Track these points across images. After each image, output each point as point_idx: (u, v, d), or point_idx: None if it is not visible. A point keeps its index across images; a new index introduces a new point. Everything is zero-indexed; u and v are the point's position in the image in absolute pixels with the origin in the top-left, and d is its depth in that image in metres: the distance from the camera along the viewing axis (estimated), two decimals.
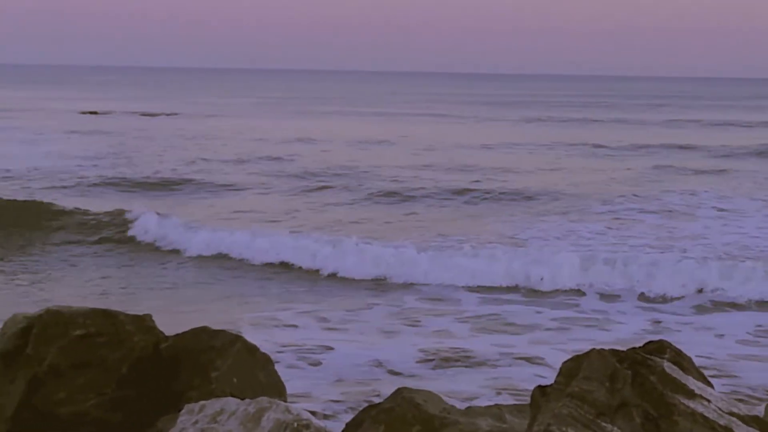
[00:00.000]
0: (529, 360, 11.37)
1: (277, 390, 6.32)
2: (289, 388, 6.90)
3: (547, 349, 11.88)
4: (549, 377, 8.88)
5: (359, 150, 38.74)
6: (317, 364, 10.94)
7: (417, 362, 11.19)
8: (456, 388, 9.96)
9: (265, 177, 29.58)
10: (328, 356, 11.31)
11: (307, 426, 4.49)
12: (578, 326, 13.30)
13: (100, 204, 22.74)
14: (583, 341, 12.28)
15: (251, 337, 8.69)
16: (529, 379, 10.42)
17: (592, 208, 23.34)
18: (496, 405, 6.02)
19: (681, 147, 40.59)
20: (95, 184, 27.37)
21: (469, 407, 5.89)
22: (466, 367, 11.03)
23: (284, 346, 11.68)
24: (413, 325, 13.19)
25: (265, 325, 12.95)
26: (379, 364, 11.02)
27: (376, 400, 6.47)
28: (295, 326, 12.93)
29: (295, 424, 4.51)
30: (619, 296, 14.83)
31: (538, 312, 13.97)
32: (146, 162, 32.84)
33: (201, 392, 5.93)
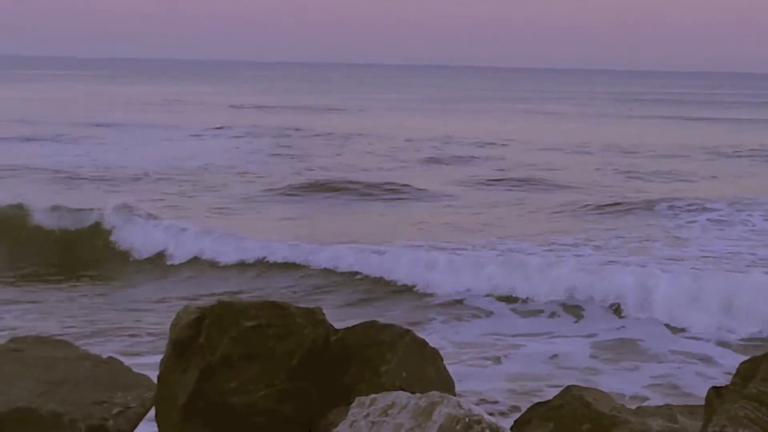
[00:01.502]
0: (696, 356, 11.23)
1: (446, 385, 6.32)
2: (459, 383, 6.91)
3: (717, 348, 11.72)
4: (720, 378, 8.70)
5: (557, 154, 37.34)
6: (495, 361, 10.97)
7: (588, 359, 11.15)
8: (626, 386, 9.87)
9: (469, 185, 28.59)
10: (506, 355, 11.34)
11: (479, 421, 4.50)
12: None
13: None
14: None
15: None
16: (696, 379, 10.27)
17: None
18: (667, 405, 5.93)
19: None
20: (288, 188, 26.76)
21: (639, 407, 5.83)
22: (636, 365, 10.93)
23: (461, 343, 11.75)
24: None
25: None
26: (553, 359, 10.99)
27: (545, 397, 6.43)
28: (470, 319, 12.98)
29: (467, 419, 4.52)
30: None
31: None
32: (336, 162, 32.14)
33: (370, 386, 5.98)
